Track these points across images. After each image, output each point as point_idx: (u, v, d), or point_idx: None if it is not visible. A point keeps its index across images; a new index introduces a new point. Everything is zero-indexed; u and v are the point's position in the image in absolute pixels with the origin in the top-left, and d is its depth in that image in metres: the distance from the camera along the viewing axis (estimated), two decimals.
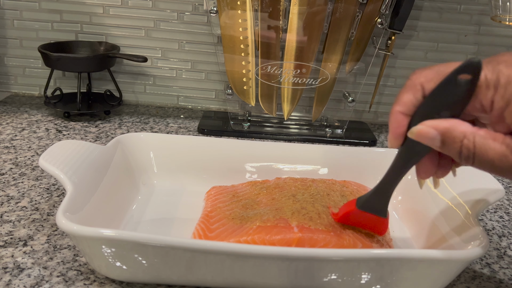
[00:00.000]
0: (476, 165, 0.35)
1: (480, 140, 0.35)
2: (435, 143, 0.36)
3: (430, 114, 0.37)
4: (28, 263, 0.46)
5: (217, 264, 0.41)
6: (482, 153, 0.34)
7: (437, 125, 0.36)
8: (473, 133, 0.35)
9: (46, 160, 0.48)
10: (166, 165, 0.61)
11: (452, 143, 0.35)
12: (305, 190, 0.53)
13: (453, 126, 0.35)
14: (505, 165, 0.34)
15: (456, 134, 0.35)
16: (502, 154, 0.34)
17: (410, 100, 0.38)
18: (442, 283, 0.44)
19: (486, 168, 0.35)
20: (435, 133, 0.36)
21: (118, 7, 0.90)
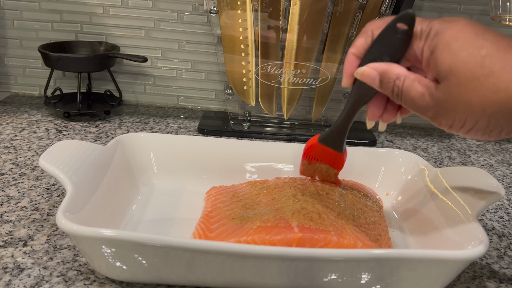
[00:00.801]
0: (403, 102, 0.41)
1: (408, 82, 0.40)
2: (375, 82, 0.42)
3: (374, 57, 0.43)
4: (28, 263, 0.46)
5: (217, 264, 0.41)
6: (407, 91, 0.40)
7: (377, 67, 0.42)
8: (404, 76, 0.41)
9: (46, 160, 0.48)
10: (166, 165, 0.61)
11: (387, 82, 0.41)
12: (305, 190, 0.53)
13: (390, 69, 0.41)
14: (422, 103, 0.39)
15: (391, 75, 0.41)
16: (421, 93, 0.39)
17: (361, 44, 0.44)
18: (442, 283, 0.44)
19: (409, 105, 0.41)
20: (375, 73, 0.42)
21: (118, 7, 0.90)
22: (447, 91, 0.37)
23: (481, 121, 0.36)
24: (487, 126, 0.36)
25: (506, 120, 0.35)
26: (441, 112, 0.38)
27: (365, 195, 0.56)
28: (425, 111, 0.39)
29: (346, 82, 0.46)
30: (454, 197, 0.51)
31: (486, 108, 0.35)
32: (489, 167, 0.79)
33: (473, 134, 0.38)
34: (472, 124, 0.37)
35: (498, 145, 0.89)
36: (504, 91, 0.34)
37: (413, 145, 0.86)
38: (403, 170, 0.61)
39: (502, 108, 0.35)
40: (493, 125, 0.36)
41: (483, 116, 0.36)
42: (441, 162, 0.79)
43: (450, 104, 0.37)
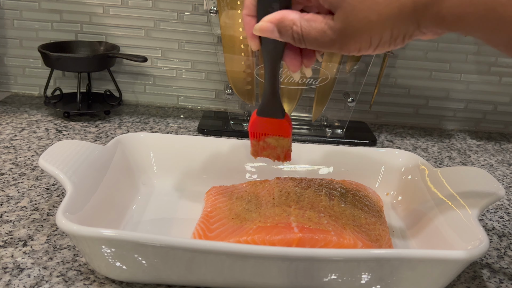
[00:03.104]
0: (307, 45, 0.41)
1: (305, 23, 0.40)
2: (274, 34, 0.42)
3: (265, 9, 0.42)
4: (28, 263, 0.46)
5: (217, 264, 0.41)
6: (308, 33, 0.40)
7: (271, 18, 0.42)
8: (299, 19, 0.40)
9: (46, 160, 0.48)
10: (166, 165, 0.61)
11: (285, 31, 0.41)
12: (305, 190, 0.53)
13: (283, 17, 0.41)
14: (326, 39, 0.39)
15: (287, 23, 0.41)
16: (322, 30, 0.39)
17: (250, 2, 0.43)
18: (442, 283, 0.43)
19: (314, 45, 0.41)
20: (272, 25, 0.42)
21: (118, 7, 0.90)
22: (345, 18, 0.38)
23: (384, 34, 0.38)
24: (391, 37, 0.38)
25: (405, 25, 0.37)
26: (346, 40, 0.39)
27: (365, 195, 0.56)
28: (331, 45, 0.40)
29: (253, 44, 0.45)
30: (454, 197, 0.51)
31: (385, 21, 0.37)
32: (489, 167, 0.79)
33: (381, 48, 0.39)
34: (377, 40, 0.38)
35: (498, 145, 0.89)
36: (395, 2, 0.36)
37: (413, 145, 0.86)
38: (403, 170, 0.61)
39: (399, 17, 0.37)
40: (396, 33, 0.38)
41: (385, 29, 0.37)
42: (441, 162, 0.79)
43: (352, 29, 0.38)
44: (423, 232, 0.52)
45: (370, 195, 0.57)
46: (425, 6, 0.36)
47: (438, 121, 0.97)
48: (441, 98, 0.95)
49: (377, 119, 0.96)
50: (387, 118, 0.96)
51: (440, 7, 0.35)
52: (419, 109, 0.96)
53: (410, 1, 0.36)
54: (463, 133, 0.94)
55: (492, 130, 0.97)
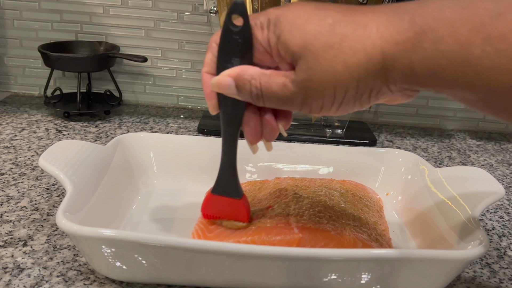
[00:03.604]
0: (266, 102, 0.38)
1: (265, 78, 0.38)
2: (232, 89, 0.39)
3: (224, 65, 0.40)
4: (28, 263, 0.46)
5: (217, 264, 0.41)
6: (267, 88, 0.37)
7: (229, 72, 0.39)
8: (259, 74, 0.38)
9: (46, 160, 0.48)
10: (166, 165, 0.61)
11: (243, 85, 0.39)
12: (305, 190, 0.53)
13: (243, 71, 0.39)
14: (286, 94, 0.37)
15: (246, 77, 0.38)
16: (282, 84, 0.37)
17: (210, 59, 0.41)
18: (442, 283, 0.44)
19: (273, 102, 0.38)
20: (230, 79, 0.39)
21: (118, 7, 0.90)
22: (308, 68, 0.35)
23: (350, 88, 0.35)
24: (357, 92, 0.35)
25: (373, 79, 0.34)
26: (309, 93, 0.36)
27: (365, 195, 0.56)
28: (292, 100, 0.37)
29: (212, 106, 0.42)
30: (454, 197, 0.51)
31: (352, 72, 0.34)
32: (489, 167, 0.79)
33: (345, 107, 0.36)
34: (342, 93, 0.35)
35: (498, 145, 0.89)
36: (362, 51, 0.34)
37: (413, 145, 0.86)
38: (403, 170, 0.61)
39: (366, 68, 0.34)
40: (362, 88, 0.35)
41: (351, 81, 0.35)
42: (441, 162, 0.79)
43: (315, 80, 0.35)
44: (423, 232, 0.52)
45: (370, 195, 0.57)
46: (394, 57, 0.33)
47: (438, 121, 0.97)
48: (441, 98, 0.95)
49: (377, 119, 0.96)
50: (387, 118, 0.96)
51: (411, 59, 0.32)
52: (419, 109, 0.96)
53: (378, 52, 0.33)
54: (463, 133, 0.94)
55: (492, 130, 0.97)
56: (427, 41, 0.31)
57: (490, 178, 0.51)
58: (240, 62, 0.39)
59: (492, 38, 0.29)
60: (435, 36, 0.31)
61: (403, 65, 0.33)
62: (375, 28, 0.33)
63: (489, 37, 0.30)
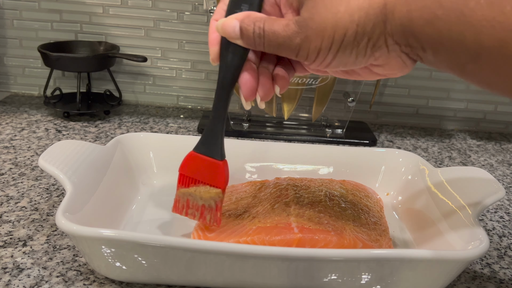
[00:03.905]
0: (266, 43, 0.39)
1: (269, 21, 0.39)
2: (235, 32, 0.40)
3: (233, 11, 0.41)
4: (28, 263, 0.46)
5: (217, 264, 0.41)
6: (270, 28, 0.38)
7: (236, 15, 0.40)
8: (264, 17, 0.39)
9: (46, 160, 0.48)
10: (166, 165, 0.61)
11: (247, 27, 0.39)
12: (305, 190, 0.53)
13: (249, 14, 0.40)
14: (287, 33, 0.37)
15: (251, 19, 0.39)
16: (285, 24, 0.38)
17: (221, 7, 0.42)
18: (442, 283, 0.43)
19: (273, 43, 0.38)
20: (235, 21, 0.40)
21: (118, 7, 0.90)
22: (312, 7, 0.36)
23: (349, 30, 0.35)
24: (355, 37, 0.36)
25: (372, 25, 0.35)
26: (309, 33, 0.36)
27: (365, 195, 0.56)
28: (291, 40, 0.37)
29: (213, 52, 0.43)
30: (454, 197, 0.51)
31: (353, 13, 0.35)
32: (489, 167, 0.79)
33: (341, 55, 0.37)
34: (341, 36, 0.36)
35: (499, 145, 0.89)
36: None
37: (413, 145, 0.86)
38: (403, 170, 0.61)
39: (367, 12, 0.35)
40: (361, 33, 0.35)
41: (351, 24, 0.35)
42: (441, 162, 0.79)
43: (317, 19, 0.36)
44: (423, 232, 0.52)
45: (370, 195, 0.57)
46: (394, 4, 0.34)
47: (438, 121, 0.97)
48: (441, 98, 0.95)
49: (377, 119, 0.96)
50: (387, 118, 0.96)
51: (410, 7, 0.33)
52: (419, 109, 0.96)
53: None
54: (463, 133, 0.94)
55: (492, 130, 0.97)
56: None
57: (491, 178, 0.51)
58: (249, 9, 0.41)
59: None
60: None
61: (402, 13, 0.34)
62: None
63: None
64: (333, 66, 0.38)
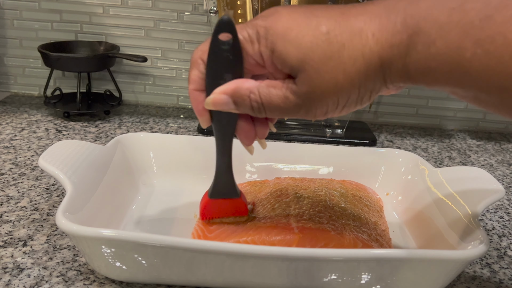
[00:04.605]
0: (268, 113, 0.38)
1: (264, 90, 0.37)
2: (230, 106, 0.39)
3: (215, 81, 0.39)
4: (28, 263, 0.46)
5: (217, 264, 0.41)
6: (268, 101, 0.37)
7: (225, 89, 0.38)
8: (256, 87, 0.37)
9: (46, 160, 0.48)
10: (166, 165, 0.61)
11: (242, 101, 0.38)
12: (305, 190, 0.53)
13: (238, 86, 0.38)
14: (289, 106, 0.37)
15: (243, 92, 0.38)
16: (284, 96, 0.37)
17: (197, 76, 0.40)
18: (442, 283, 0.43)
19: (276, 113, 0.38)
20: (226, 97, 0.38)
21: (118, 7, 0.90)
22: (309, 81, 0.35)
23: (352, 93, 0.36)
24: (359, 95, 0.36)
25: (373, 82, 0.35)
26: (313, 103, 0.36)
27: (365, 195, 0.56)
28: (296, 111, 0.37)
29: (204, 121, 0.42)
30: (454, 197, 0.51)
31: (353, 80, 0.35)
32: (489, 167, 0.79)
33: (347, 109, 0.37)
34: (345, 100, 0.36)
35: (498, 145, 0.89)
36: (361, 58, 0.34)
37: (413, 145, 0.86)
38: (403, 170, 0.61)
39: (366, 74, 0.35)
40: (363, 91, 0.36)
41: (353, 88, 0.35)
42: (441, 162, 0.79)
43: (318, 92, 0.35)
44: (423, 232, 0.52)
45: (370, 195, 0.57)
46: (390, 61, 0.34)
47: (438, 121, 0.97)
48: (441, 98, 0.95)
49: (377, 119, 0.96)
50: (387, 118, 0.96)
51: (405, 61, 0.33)
52: (419, 109, 0.96)
53: (376, 57, 0.34)
54: (463, 133, 0.94)
55: (492, 130, 0.97)
56: (420, 44, 0.32)
57: (490, 178, 0.51)
58: (232, 77, 0.39)
59: (481, 40, 0.30)
60: (427, 39, 0.32)
61: (398, 67, 0.34)
62: (370, 33, 0.34)
63: (479, 39, 0.30)
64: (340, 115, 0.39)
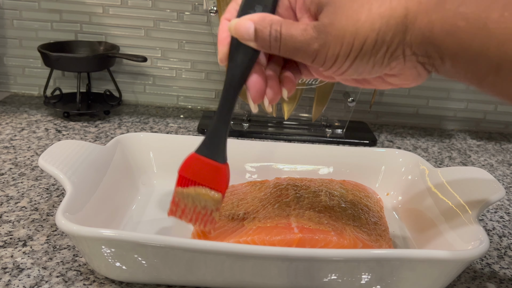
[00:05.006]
0: (282, 47, 0.38)
1: (286, 24, 0.38)
2: (249, 33, 0.39)
3: (246, 11, 0.39)
4: (28, 263, 0.46)
5: (217, 264, 0.41)
6: (287, 31, 0.37)
7: (251, 17, 0.39)
8: (280, 21, 0.38)
9: (46, 160, 0.48)
10: (166, 165, 0.61)
11: (263, 30, 0.38)
12: (305, 190, 0.53)
13: (264, 16, 0.39)
14: (305, 37, 0.37)
15: (267, 22, 0.38)
16: (303, 29, 0.37)
17: (233, 7, 0.41)
18: (442, 283, 0.43)
19: (290, 47, 0.37)
20: (249, 23, 0.39)
21: (118, 7, 0.90)
22: (332, 13, 0.35)
23: (369, 39, 0.35)
24: (374, 45, 0.35)
25: (392, 33, 0.35)
26: (328, 38, 0.36)
27: (365, 195, 0.56)
28: (309, 44, 0.36)
29: (222, 51, 0.41)
30: (454, 197, 0.51)
31: (374, 22, 0.35)
32: (489, 167, 0.79)
33: (359, 63, 0.36)
34: (360, 44, 0.35)
35: (499, 145, 0.89)
36: (387, 3, 0.34)
37: (413, 145, 0.86)
38: (404, 170, 0.61)
39: (388, 21, 0.34)
40: (380, 42, 0.35)
41: (371, 32, 0.35)
42: (441, 162, 0.79)
43: (337, 25, 0.35)
44: (423, 232, 0.52)
45: (370, 195, 0.57)
46: (415, 14, 0.34)
47: (438, 121, 0.97)
48: (441, 98, 0.95)
49: (377, 119, 0.96)
50: (387, 118, 0.96)
51: (431, 18, 0.33)
52: (419, 109, 0.96)
53: (401, 6, 0.34)
54: (463, 133, 0.94)
55: (492, 130, 0.97)
56: (449, 2, 0.33)
57: (491, 178, 0.51)
58: (263, 10, 0.39)
59: (510, 3, 0.30)
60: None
61: (422, 23, 0.34)
62: None
63: (509, 2, 0.31)
64: (348, 74, 0.38)
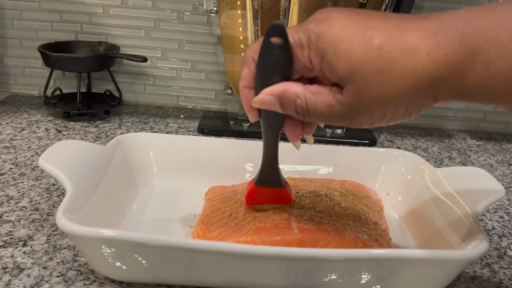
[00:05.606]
0: (313, 119, 0.39)
1: (310, 97, 0.38)
2: (276, 107, 0.40)
3: (264, 81, 0.40)
4: (28, 263, 0.46)
5: (217, 264, 0.41)
6: (314, 108, 0.38)
7: (272, 91, 0.39)
8: (303, 92, 0.38)
9: (46, 160, 0.48)
10: (166, 165, 0.61)
11: (288, 104, 0.39)
12: (305, 190, 0.53)
13: (286, 89, 0.39)
14: (334, 114, 0.37)
15: (290, 96, 0.39)
16: (330, 105, 0.37)
17: (247, 74, 0.41)
18: (442, 283, 0.43)
19: (320, 119, 0.38)
20: (273, 98, 0.39)
21: (118, 7, 0.90)
22: (357, 93, 0.35)
23: (400, 108, 0.35)
24: (407, 110, 0.36)
25: (422, 99, 0.35)
26: (358, 115, 0.36)
27: (365, 195, 0.56)
28: (340, 120, 0.37)
29: (252, 116, 0.43)
30: (454, 197, 0.51)
31: (402, 95, 0.35)
32: (489, 167, 0.79)
33: (394, 121, 0.37)
34: (392, 114, 0.36)
35: (498, 145, 0.89)
36: (412, 75, 0.34)
37: (413, 145, 0.86)
38: (403, 170, 0.61)
39: (417, 91, 0.34)
40: (412, 107, 0.35)
41: (401, 103, 0.35)
42: (441, 162, 0.79)
43: (364, 104, 0.36)
44: (423, 232, 0.52)
45: (370, 195, 0.57)
46: (444, 79, 0.33)
47: (438, 121, 0.97)
48: None
49: None
50: None
51: (462, 80, 0.33)
52: None
53: (428, 75, 0.33)
54: (463, 133, 0.94)
55: (492, 130, 0.97)
56: (478, 63, 0.32)
57: (490, 178, 0.51)
58: (280, 79, 0.39)
59: None
60: (487, 58, 0.32)
61: (452, 86, 0.33)
62: (424, 51, 0.33)
63: None
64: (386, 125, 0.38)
